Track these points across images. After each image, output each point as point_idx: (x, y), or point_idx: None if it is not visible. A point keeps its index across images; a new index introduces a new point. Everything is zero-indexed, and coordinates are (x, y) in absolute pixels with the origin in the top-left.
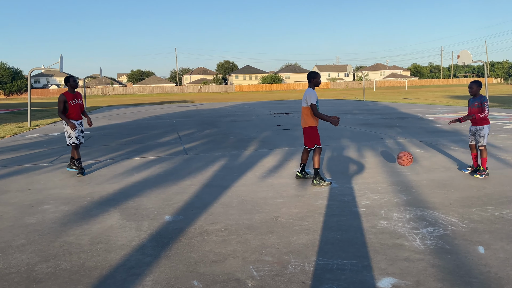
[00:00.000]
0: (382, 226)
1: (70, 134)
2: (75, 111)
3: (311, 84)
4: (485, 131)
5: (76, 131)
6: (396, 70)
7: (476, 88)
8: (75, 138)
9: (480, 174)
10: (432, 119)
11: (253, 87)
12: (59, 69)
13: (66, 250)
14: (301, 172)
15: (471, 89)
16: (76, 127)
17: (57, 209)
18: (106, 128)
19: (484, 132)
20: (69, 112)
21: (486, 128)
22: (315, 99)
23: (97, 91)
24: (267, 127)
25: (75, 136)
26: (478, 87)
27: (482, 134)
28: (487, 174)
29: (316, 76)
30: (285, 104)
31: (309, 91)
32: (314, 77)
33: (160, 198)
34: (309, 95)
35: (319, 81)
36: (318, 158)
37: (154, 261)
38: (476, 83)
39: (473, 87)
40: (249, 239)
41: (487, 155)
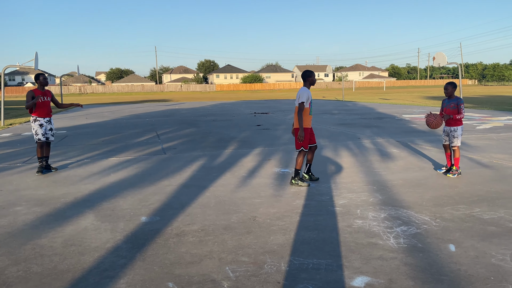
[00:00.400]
0: (358, 225)
1: (37, 130)
2: (42, 108)
3: (307, 83)
4: (459, 131)
5: (43, 129)
6: (375, 71)
7: (452, 90)
8: (41, 135)
9: (452, 173)
10: (409, 119)
11: (234, 86)
12: (34, 66)
13: (37, 253)
14: (307, 173)
15: (447, 90)
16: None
17: (29, 210)
18: (82, 127)
19: (458, 133)
20: (37, 110)
21: (460, 129)
22: (305, 98)
23: (74, 90)
24: (247, 127)
25: (41, 133)
26: (453, 89)
27: (456, 134)
28: (459, 173)
29: (312, 75)
30: (266, 104)
31: (301, 90)
32: (310, 75)
33: (136, 199)
34: (301, 94)
35: (314, 80)
36: (301, 160)
37: (129, 263)
38: (451, 84)
39: (449, 88)
40: (226, 240)
41: (459, 155)
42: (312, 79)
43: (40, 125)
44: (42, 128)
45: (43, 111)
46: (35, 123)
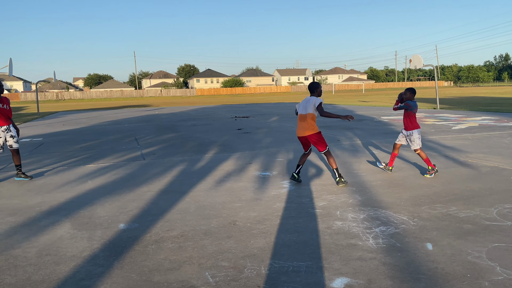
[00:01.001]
0: (337, 227)
1: None
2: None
3: (316, 94)
4: (415, 135)
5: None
6: (354, 74)
7: (410, 95)
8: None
9: (429, 173)
10: (387, 121)
11: (214, 90)
12: (8, 73)
13: (11, 264)
14: (297, 174)
15: (405, 95)
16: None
17: (2, 220)
18: (59, 134)
19: (415, 136)
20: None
21: (416, 132)
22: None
23: (51, 96)
24: (228, 131)
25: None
26: (411, 94)
27: (413, 138)
28: (436, 171)
29: (320, 86)
30: (247, 108)
31: (315, 98)
32: (318, 87)
33: (115, 206)
34: (316, 100)
35: (321, 91)
36: (333, 158)
37: (106, 271)
38: (409, 90)
39: (407, 94)
40: (205, 245)
41: (426, 155)
42: (320, 89)
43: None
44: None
45: (0, 119)
46: None
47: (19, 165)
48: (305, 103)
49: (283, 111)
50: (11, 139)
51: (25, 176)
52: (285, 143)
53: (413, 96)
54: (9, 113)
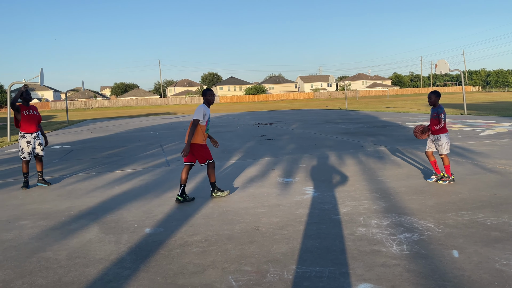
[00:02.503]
0: (361, 233)
1: (23, 149)
2: (28, 121)
3: (205, 102)
4: (443, 140)
5: (30, 147)
6: (378, 80)
7: (435, 98)
8: (27, 153)
9: (443, 180)
10: (413, 127)
11: (237, 98)
12: (40, 83)
13: (42, 266)
14: (182, 195)
15: (430, 100)
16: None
17: (34, 224)
18: (87, 141)
19: (443, 141)
20: (22, 123)
21: (444, 136)
22: (200, 115)
23: (80, 105)
24: (251, 138)
25: (27, 152)
26: (436, 97)
27: (440, 143)
28: (451, 180)
29: (206, 93)
30: (269, 115)
31: (199, 106)
32: (205, 94)
33: (140, 211)
34: (197, 109)
35: (209, 99)
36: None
37: (133, 274)
38: (434, 93)
39: (432, 97)
40: (229, 250)
41: (449, 162)
42: (207, 98)
43: (28, 142)
44: (30, 146)
45: (31, 126)
46: (22, 140)
47: (41, 171)
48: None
49: (306, 118)
50: (39, 146)
51: (44, 182)
52: (308, 149)
53: (438, 99)
54: (40, 120)
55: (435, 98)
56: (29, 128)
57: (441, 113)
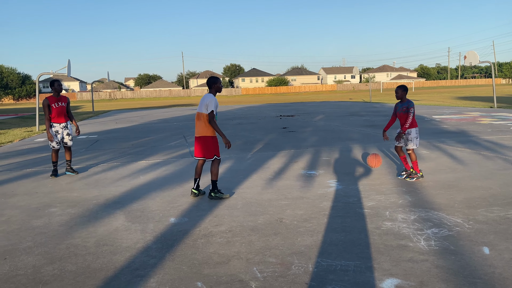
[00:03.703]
0: (387, 227)
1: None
2: (57, 113)
3: (212, 90)
4: (412, 134)
5: (58, 136)
6: (403, 72)
7: (401, 93)
8: (55, 143)
9: (411, 177)
10: (439, 120)
11: (259, 89)
12: (67, 73)
13: (72, 252)
14: (197, 189)
15: (397, 94)
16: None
17: (63, 212)
18: (113, 131)
19: (412, 136)
20: (52, 115)
21: (414, 131)
22: (215, 107)
23: (104, 95)
24: (273, 130)
25: (55, 142)
26: (403, 92)
27: (410, 137)
28: (419, 177)
29: (217, 81)
30: (292, 107)
31: (210, 97)
32: (215, 82)
33: (165, 201)
34: (210, 101)
35: (220, 87)
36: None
37: (159, 262)
38: (401, 87)
39: (398, 92)
40: (253, 241)
41: (416, 158)
42: (218, 85)
43: (56, 131)
44: (58, 136)
45: (60, 117)
46: (51, 129)
47: (70, 160)
48: (202, 100)
49: (329, 110)
50: (67, 136)
51: (72, 171)
52: (331, 142)
53: (405, 93)
54: (66, 111)
55: (402, 92)
56: (58, 119)
57: (411, 107)
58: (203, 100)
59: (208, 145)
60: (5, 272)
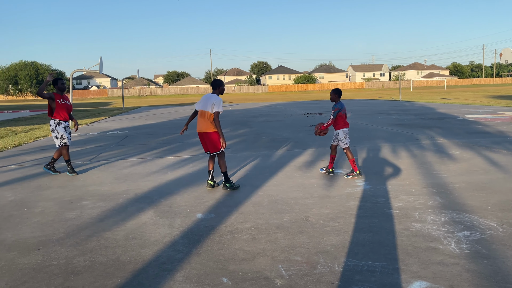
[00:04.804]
0: (415, 229)
1: (63, 134)
2: (61, 109)
3: (216, 91)
4: (340, 135)
5: (67, 132)
6: (435, 69)
7: (333, 96)
8: (67, 138)
9: (347, 175)
10: (473, 120)
11: (286, 87)
12: (99, 70)
13: (102, 245)
14: (212, 180)
15: (330, 97)
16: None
17: (94, 205)
18: (142, 127)
19: (340, 136)
20: (56, 112)
21: (341, 132)
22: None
23: (134, 92)
24: (300, 128)
25: (66, 137)
26: (334, 95)
27: (339, 138)
28: (356, 175)
29: (222, 84)
30: (318, 105)
31: (216, 98)
32: (220, 84)
33: (192, 196)
34: (217, 102)
35: (224, 89)
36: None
37: (185, 257)
38: (333, 91)
39: (331, 94)
40: (278, 239)
41: (352, 156)
42: (223, 88)
43: (64, 128)
44: (66, 131)
45: (64, 114)
46: (59, 127)
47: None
48: (206, 99)
49: (357, 108)
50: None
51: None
52: (359, 141)
53: (337, 97)
54: (71, 109)
55: (333, 95)
56: (64, 116)
57: (332, 110)
58: (209, 100)
59: (213, 140)
60: (38, 262)
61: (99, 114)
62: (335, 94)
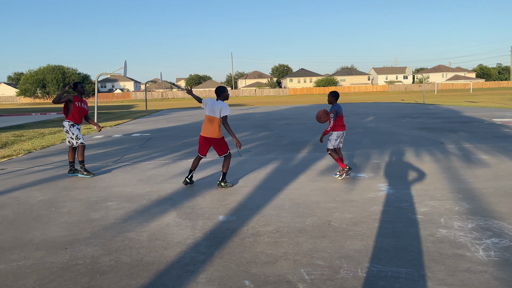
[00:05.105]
0: (441, 235)
1: (78, 135)
2: (78, 113)
3: (221, 98)
4: (333, 136)
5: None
6: (460, 72)
7: (330, 98)
8: (82, 138)
9: (339, 174)
10: (500, 124)
11: (307, 90)
12: (123, 74)
13: (126, 245)
14: (190, 179)
15: (328, 99)
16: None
17: (119, 206)
18: (165, 130)
19: (332, 137)
20: (72, 113)
21: (335, 134)
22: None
23: (157, 95)
24: (321, 130)
25: (81, 137)
26: (332, 97)
27: (329, 138)
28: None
29: (225, 90)
30: None
31: (222, 103)
32: (223, 91)
33: (214, 199)
34: (224, 107)
35: (227, 95)
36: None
37: (208, 259)
38: (330, 93)
39: (328, 97)
40: (300, 242)
41: (336, 157)
42: (227, 94)
43: (78, 129)
44: (80, 132)
45: (80, 118)
46: (74, 128)
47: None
48: (212, 105)
49: (380, 111)
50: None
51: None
52: (382, 144)
53: (333, 99)
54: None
55: (331, 98)
56: (78, 119)
57: (330, 113)
58: (214, 106)
59: (221, 144)
60: (65, 261)
61: (123, 116)
62: (332, 96)
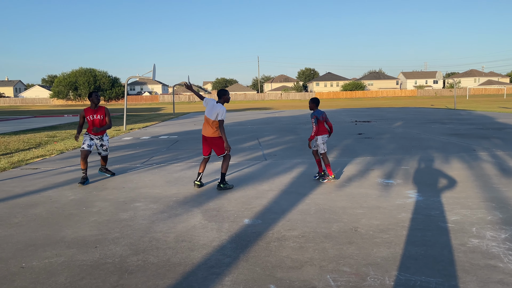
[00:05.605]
0: (473, 245)
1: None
2: (91, 126)
3: (221, 100)
4: (319, 140)
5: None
6: (493, 77)
7: (311, 105)
8: (86, 145)
9: (323, 178)
10: None
11: (334, 94)
12: (152, 77)
13: (154, 246)
14: (199, 181)
15: (309, 105)
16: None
17: (147, 207)
18: (191, 133)
19: (319, 142)
20: (89, 127)
21: (320, 138)
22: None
23: (184, 98)
24: (348, 135)
25: (87, 144)
26: (312, 104)
27: (317, 143)
28: (331, 179)
29: (226, 93)
30: (367, 112)
31: (221, 107)
32: (224, 94)
33: (240, 202)
34: (221, 111)
35: (228, 98)
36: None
37: (233, 262)
38: (311, 100)
39: (309, 103)
40: (326, 248)
41: (328, 162)
42: (228, 97)
43: (91, 138)
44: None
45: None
46: (86, 135)
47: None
48: (212, 107)
49: (408, 116)
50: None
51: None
52: (411, 150)
53: (315, 106)
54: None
55: (311, 104)
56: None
57: (312, 118)
58: (213, 108)
59: (219, 144)
60: (95, 260)
61: (151, 119)
62: (313, 103)
